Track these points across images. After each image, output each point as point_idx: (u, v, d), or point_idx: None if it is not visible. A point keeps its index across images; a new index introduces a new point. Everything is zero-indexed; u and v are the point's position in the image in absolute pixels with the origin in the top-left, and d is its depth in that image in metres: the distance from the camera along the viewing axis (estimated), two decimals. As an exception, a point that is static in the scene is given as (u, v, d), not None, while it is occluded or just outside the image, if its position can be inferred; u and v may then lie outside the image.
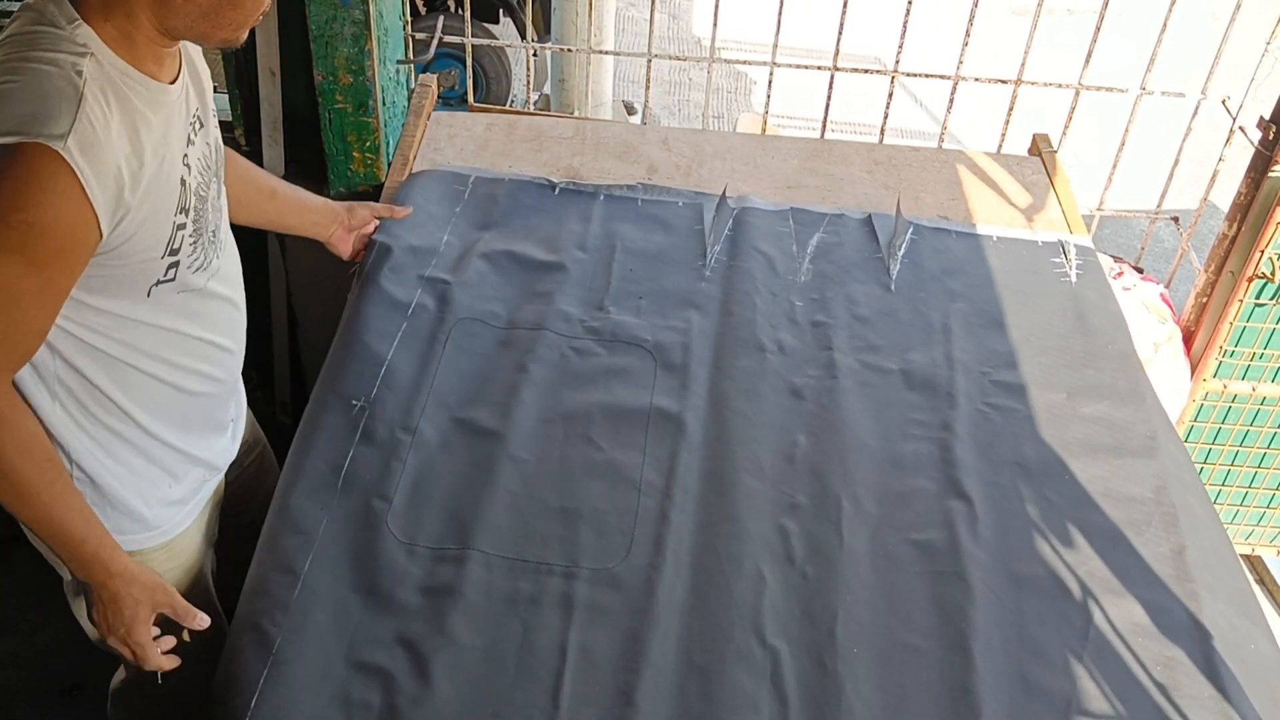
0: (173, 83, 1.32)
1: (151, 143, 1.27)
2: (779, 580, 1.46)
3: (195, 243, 1.39)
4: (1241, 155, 2.48)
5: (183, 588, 1.57)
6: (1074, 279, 1.99)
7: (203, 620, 1.47)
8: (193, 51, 1.42)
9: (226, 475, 1.68)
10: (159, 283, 1.35)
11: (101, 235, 1.22)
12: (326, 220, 1.86)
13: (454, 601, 1.40)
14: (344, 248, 1.90)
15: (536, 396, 1.67)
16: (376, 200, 2.00)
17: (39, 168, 1.15)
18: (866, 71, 2.61)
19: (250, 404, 1.75)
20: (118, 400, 1.39)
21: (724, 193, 2.09)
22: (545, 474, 1.56)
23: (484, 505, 1.51)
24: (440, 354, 1.71)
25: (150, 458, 1.47)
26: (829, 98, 2.52)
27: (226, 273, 1.50)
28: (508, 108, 3.77)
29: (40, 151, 1.14)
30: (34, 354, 1.26)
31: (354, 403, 1.62)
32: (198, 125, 1.39)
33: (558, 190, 2.07)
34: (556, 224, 1.99)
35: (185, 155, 1.34)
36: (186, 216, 1.35)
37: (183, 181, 1.33)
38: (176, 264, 1.36)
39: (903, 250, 2.00)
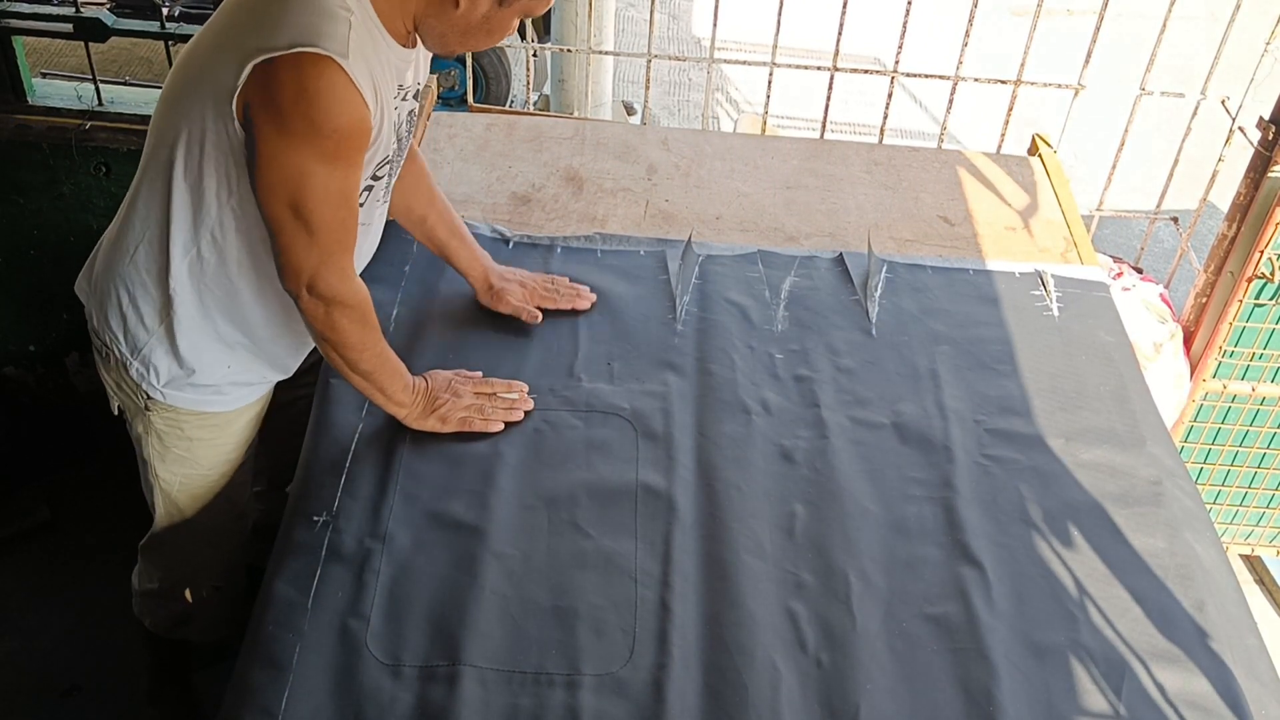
0: (409, 48, 1.46)
1: (382, 94, 1.42)
2: (794, 671, 1.38)
3: (369, 192, 1.53)
4: (1241, 155, 2.49)
5: (215, 461, 1.72)
6: (1056, 312, 1.94)
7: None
8: None
9: (279, 392, 1.78)
10: None
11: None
12: (476, 272, 1.82)
13: None
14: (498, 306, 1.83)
15: (514, 480, 1.57)
16: None
17: (331, 78, 1.30)
18: (866, 72, 2.61)
19: None
20: (237, 285, 1.53)
21: (689, 239, 2.01)
22: (533, 570, 1.46)
23: (470, 612, 1.40)
24: (403, 444, 1.60)
25: (228, 342, 1.59)
26: (828, 98, 2.52)
27: (378, 222, 1.66)
28: (507, 108, 3.78)
29: (327, 62, 1.29)
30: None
31: (315, 518, 1.51)
32: (411, 95, 1.54)
33: (511, 244, 1.97)
34: None
35: (397, 111, 1.49)
36: (376, 181, 1.52)
37: (398, 137, 1.51)
38: (369, 190, 1.51)
39: (879, 291, 1.94)
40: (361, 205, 1.50)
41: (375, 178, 1.52)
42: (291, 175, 1.35)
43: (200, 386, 1.61)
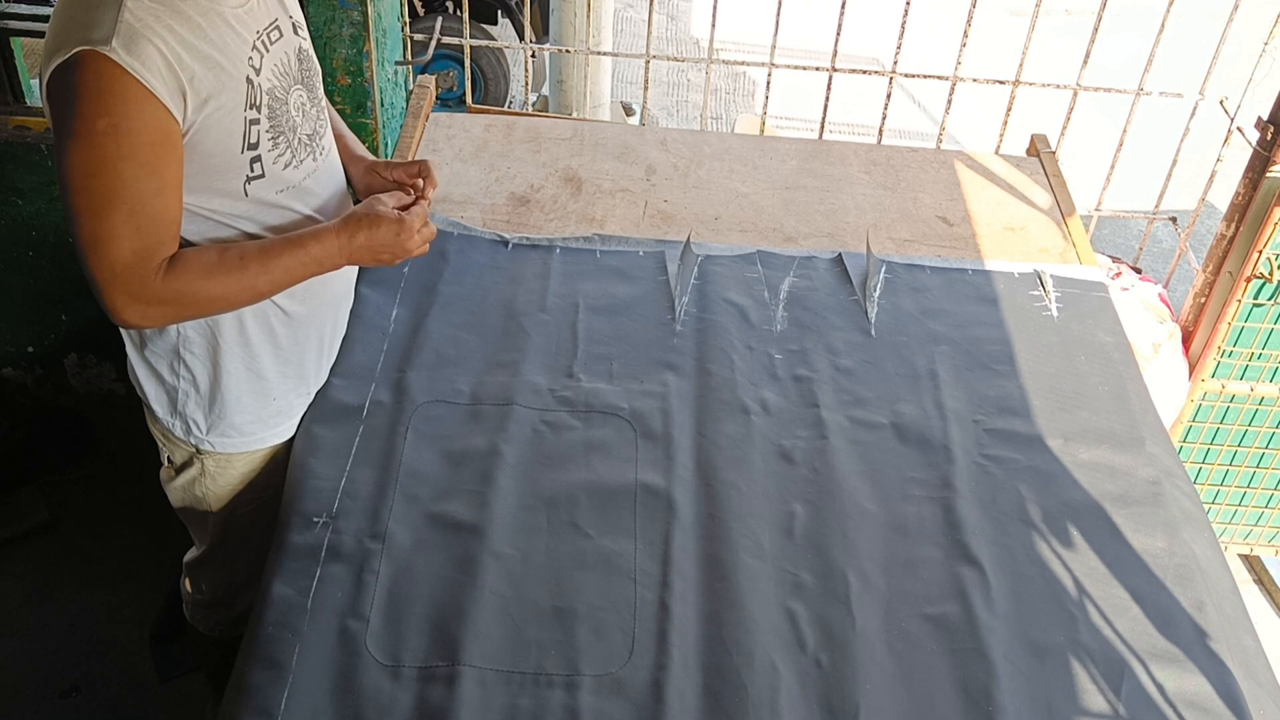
0: None
1: (203, 44, 1.32)
2: (793, 672, 1.38)
3: (275, 139, 1.44)
4: (1239, 155, 2.49)
5: (271, 485, 1.67)
6: (1055, 313, 1.94)
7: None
8: None
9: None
10: (250, 179, 1.42)
11: (178, 122, 1.30)
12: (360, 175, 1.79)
13: None
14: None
15: (513, 480, 1.56)
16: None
17: (97, 73, 1.22)
18: (864, 72, 2.61)
19: None
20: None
21: (688, 240, 2.01)
22: (533, 570, 1.46)
23: (470, 612, 1.40)
24: (402, 445, 1.60)
25: (244, 370, 1.55)
26: (827, 98, 2.52)
27: (326, 178, 1.57)
28: (506, 109, 3.78)
29: (92, 58, 1.22)
30: (177, 238, 1.37)
31: (315, 519, 1.50)
32: (275, 34, 1.45)
33: (510, 246, 1.97)
34: (512, 283, 1.89)
35: (250, 58, 1.39)
36: (259, 112, 1.40)
37: (249, 81, 1.38)
38: (259, 158, 1.42)
39: (878, 291, 1.94)
40: (256, 145, 1.41)
41: (252, 121, 1.41)
42: (77, 179, 1.27)
43: (241, 428, 1.60)
